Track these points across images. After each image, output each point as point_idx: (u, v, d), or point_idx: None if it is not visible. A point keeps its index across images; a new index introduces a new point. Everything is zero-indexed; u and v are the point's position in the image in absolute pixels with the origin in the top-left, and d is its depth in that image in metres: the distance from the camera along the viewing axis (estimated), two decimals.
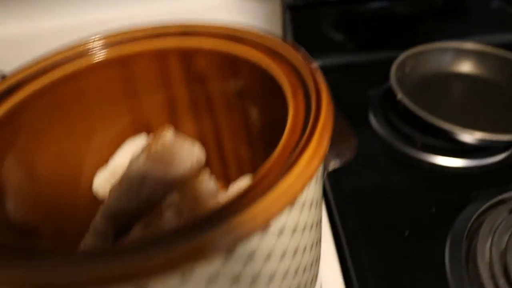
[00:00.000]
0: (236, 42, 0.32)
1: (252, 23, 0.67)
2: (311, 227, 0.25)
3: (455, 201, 0.46)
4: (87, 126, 0.35)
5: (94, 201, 0.37)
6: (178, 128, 0.38)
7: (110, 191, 0.32)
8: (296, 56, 0.28)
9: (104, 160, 0.37)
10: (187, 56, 0.34)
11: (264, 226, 0.18)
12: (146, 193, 0.31)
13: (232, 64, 0.33)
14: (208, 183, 0.32)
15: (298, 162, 0.20)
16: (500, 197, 0.45)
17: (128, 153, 0.36)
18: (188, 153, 0.33)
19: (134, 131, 0.37)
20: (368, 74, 0.66)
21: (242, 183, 0.35)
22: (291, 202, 0.19)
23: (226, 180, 0.40)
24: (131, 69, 0.34)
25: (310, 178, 0.20)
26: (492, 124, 0.50)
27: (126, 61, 0.34)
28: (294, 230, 0.22)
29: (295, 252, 0.23)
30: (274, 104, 0.31)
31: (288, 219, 0.21)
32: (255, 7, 0.66)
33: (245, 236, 0.17)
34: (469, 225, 0.43)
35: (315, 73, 0.27)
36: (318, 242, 0.28)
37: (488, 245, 0.41)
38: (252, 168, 0.38)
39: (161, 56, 0.34)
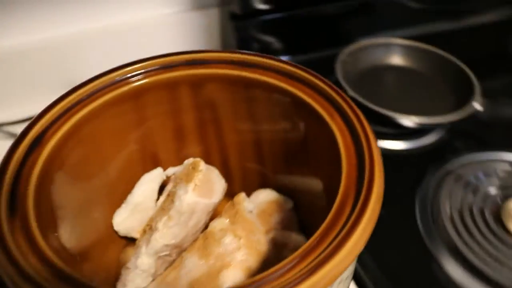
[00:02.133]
0: (248, 67, 0.34)
1: (192, 35, 0.68)
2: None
3: (412, 177, 0.53)
4: (100, 162, 0.34)
5: (113, 238, 0.36)
6: (184, 151, 0.38)
7: (153, 227, 0.32)
8: (329, 86, 0.31)
9: (114, 194, 0.36)
10: (197, 84, 0.35)
11: None
12: (192, 224, 0.32)
13: (244, 87, 0.34)
14: (247, 202, 0.34)
15: (353, 233, 0.22)
16: (447, 169, 0.54)
17: (147, 188, 0.36)
18: (219, 179, 0.34)
19: (143, 162, 0.37)
20: None
21: (262, 195, 0.37)
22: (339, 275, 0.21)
23: (229, 195, 0.42)
24: (142, 101, 0.34)
25: (358, 253, 0.22)
26: (425, 109, 0.58)
27: (137, 94, 0.34)
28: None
29: None
30: (290, 123, 0.34)
31: None
32: (192, 18, 0.67)
33: None
34: (430, 193, 0.51)
35: (362, 119, 0.29)
36: None
37: (448, 206, 0.50)
38: (258, 184, 0.40)
39: (171, 85, 0.34)
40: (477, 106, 0.58)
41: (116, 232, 0.36)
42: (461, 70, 0.64)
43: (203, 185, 0.31)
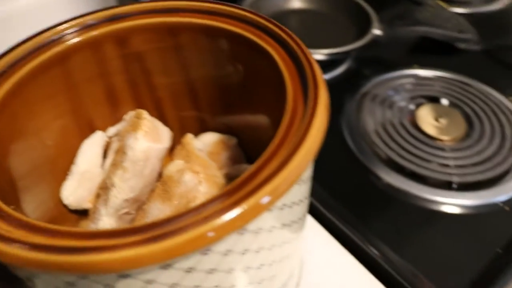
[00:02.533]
0: (172, 12, 0.34)
1: None
2: (304, 200, 0.28)
3: (334, 106, 0.57)
4: (35, 134, 0.33)
5: (64, 214, 0.35)
6: (119, 113, 0.38)
7: (108, 185, 0.32)
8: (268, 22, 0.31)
9: (57, 167, 0.35)
10: (122, 39, 0.34)
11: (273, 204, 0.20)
12: (148, 173, 0.32)
13: (170, 34, 0.34)
14: (195, 141, 0.35)
15: (302, 145, 0.22)
16: (362, 92, 0.58)
17: (90, 154, 0.35)
18: (163, 126, 0.34)
19: (79, 130, 0.36)
20: None
21: (205, 138, 0.38)
22: (294, 183, 0.21)
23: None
24: (68, 65, 0.33)
25: (312, 160, 0.23)
26: (331, 43, 0.62)
27: (62, 59, 0.32)
28: (291, 206, 0.25)
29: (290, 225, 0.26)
30: (225, 63, 0.35)
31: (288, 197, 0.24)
32: None
33: (258, 214, 0.20)
34: (353, 116, 0.56)
35: (306, 52, 0.29)
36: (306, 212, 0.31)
37: (372, 123, 0.55)
38: (198, 130, 0.40)
39: (95, 45, 0.34)
40: (377, 31, 0.63)
41: (66, 207, 0.35)
42: (357, 4, 0.69)
43: (151, 132, 0.32)
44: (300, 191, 0.25)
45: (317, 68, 0.27)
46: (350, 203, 0.47)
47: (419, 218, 0.46)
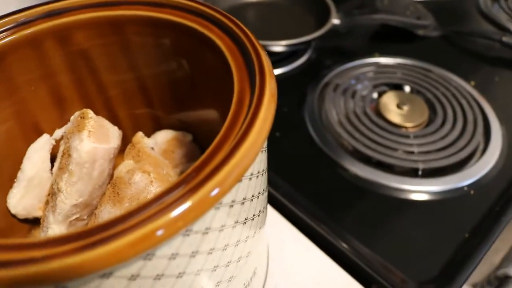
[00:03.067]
0: (113, 5, 0.32)
1: None
2: (258, 196, 0.26)
3: (296, 97, 0.56)
4: None
5: (14, 225, 0.33)
6: (66, 115, 0.36)
7: (56, 191, 0.30)
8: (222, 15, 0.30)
9: (2, 176, 0.33)
10: (63, 36, 0.32)
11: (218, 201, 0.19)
12: (96, 175, 0.30)
13: (114, 28, 0.33)
14: (147, 140, 0.33)
15: (248, 136, 0.21)
16: (323, 82, 0.58)
17: (36, 159, 0.33)
18: (111, 126, 0.33)
19: (24, 136, 0.34)
20: None
21: (160, 136, 0.37)
22: (241, 176, 0.20)
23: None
24: (6, 67, 0.31)
25: (259, 151, 0.21)
26: (290, 34, 0.61)
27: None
28: (243, 202, 0.23)
29: (244, 222, 0.25)
30: (172, 56, 0.33)
31: (237, 193, 0.22)
32: None
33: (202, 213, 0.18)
34: (315, 107, 0.55)
35: (253, 41, 0.27)
36: (264, 208, 0.30)
37: (334, 113, 0.54)
38: (152, 127, 0.39)
39: (35, 43, 0.31)
40: (336, 21, 0.63)
41: (15, 217, 0.33)
42: None
43: (97, 131, 0.30)
44: (251, 186, 0.24)
45: (263, 55, 0.26)
46: (317, 196, 0.46)
47: (387, 208, 0.45)
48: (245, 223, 0.24)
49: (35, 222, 0.34)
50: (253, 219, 0.26)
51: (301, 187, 0.47)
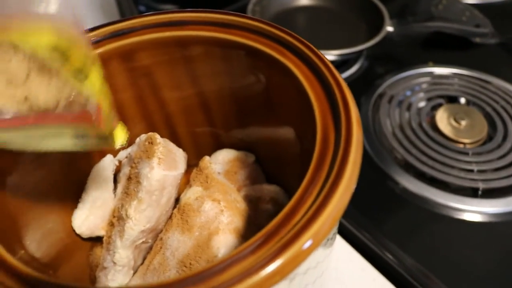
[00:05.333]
0: (182, 25, 0.31)
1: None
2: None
3: None
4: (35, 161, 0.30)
5: (77, 243, 0.33)
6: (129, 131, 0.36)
7: (123, 217, 0.29)
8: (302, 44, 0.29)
9: (66, 195, 0.33)
10: (127, 55, 0.32)
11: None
12: (164, 202, 0.30)
13: (179, 47, 0.32)
14: (214, 165, 0.33)
15: (340, 182, 0.20)
16: (378, 93, 0.56)
17: (100, 180, 0.33)
18: (177, 149, 0.32)
19: (85, 154, 0.34)
20: None
21: (221, 155, 0.36)
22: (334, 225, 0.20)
23: None
24: None
25: (350, 197, 0.20)
26: (342, 42, 0.59)
27: None
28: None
29: None
30: (240, 76, 0.33)
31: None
32: None
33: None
34: (369, 118, 0.54)
35: (330, 67, 0.26)
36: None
37: (389, 125, 0.53)
38: (212, 146, 0.38)
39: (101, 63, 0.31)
40: (389, 28, 0.61)
41: (79, 235, 0.33)
42: None
43: (166, 158, 0.29)
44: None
45: (347, 91, 0.25)
46: (366, 208, 0.45)
47: (444, 228, 0.44)
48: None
49: (96, 239, 0.34)
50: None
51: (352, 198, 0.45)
